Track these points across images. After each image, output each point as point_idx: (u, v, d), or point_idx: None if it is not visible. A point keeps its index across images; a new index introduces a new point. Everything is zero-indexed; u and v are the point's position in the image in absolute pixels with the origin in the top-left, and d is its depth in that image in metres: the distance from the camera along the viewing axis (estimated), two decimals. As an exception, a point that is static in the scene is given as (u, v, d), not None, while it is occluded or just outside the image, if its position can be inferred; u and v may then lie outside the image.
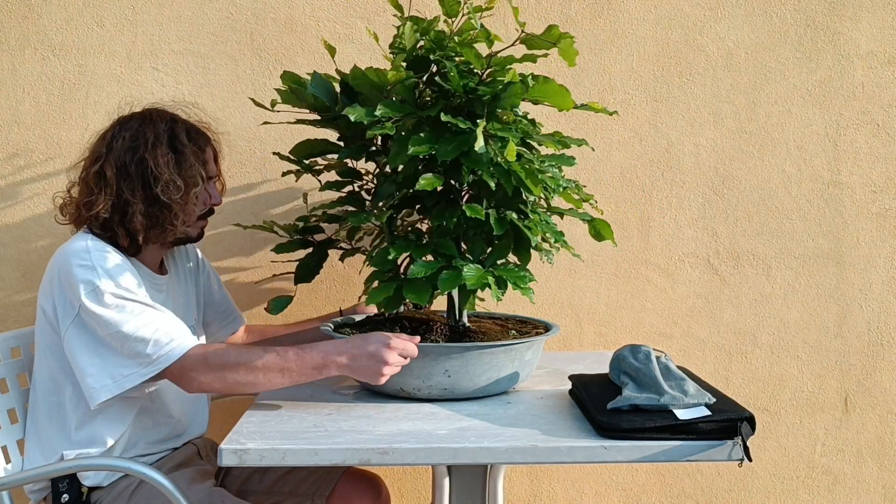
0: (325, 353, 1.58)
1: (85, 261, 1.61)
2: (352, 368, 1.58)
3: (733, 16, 2.32)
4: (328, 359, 1.58)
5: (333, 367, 1.58)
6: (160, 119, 1.73)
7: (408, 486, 2.38)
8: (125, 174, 1.67)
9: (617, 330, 2.37)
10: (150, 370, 1.57)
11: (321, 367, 1.58)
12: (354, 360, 1.57)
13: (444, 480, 1.63)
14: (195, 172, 1.71)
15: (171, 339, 1.58)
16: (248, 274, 2.30)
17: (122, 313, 1.58)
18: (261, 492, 1.89)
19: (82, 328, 1.60)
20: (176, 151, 1.70)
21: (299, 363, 1.57)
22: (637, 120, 2.33)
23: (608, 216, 2.34)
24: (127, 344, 1.57)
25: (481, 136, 1.51)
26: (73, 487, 1.65)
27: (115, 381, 1.58)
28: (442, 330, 1.74)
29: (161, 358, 1.57)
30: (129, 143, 1.69)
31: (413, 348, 1.59)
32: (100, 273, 1.59)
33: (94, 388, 1.59)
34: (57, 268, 1.64)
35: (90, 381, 1.59)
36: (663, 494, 2.42)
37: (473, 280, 1.60)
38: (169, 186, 1.67)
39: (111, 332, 1.57)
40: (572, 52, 1.61)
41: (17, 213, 2.25)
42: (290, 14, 2.26)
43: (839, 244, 2.38)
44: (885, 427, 2.41)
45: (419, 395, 1.67)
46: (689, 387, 1.49)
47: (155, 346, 1.57)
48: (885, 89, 2.35)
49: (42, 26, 2.22)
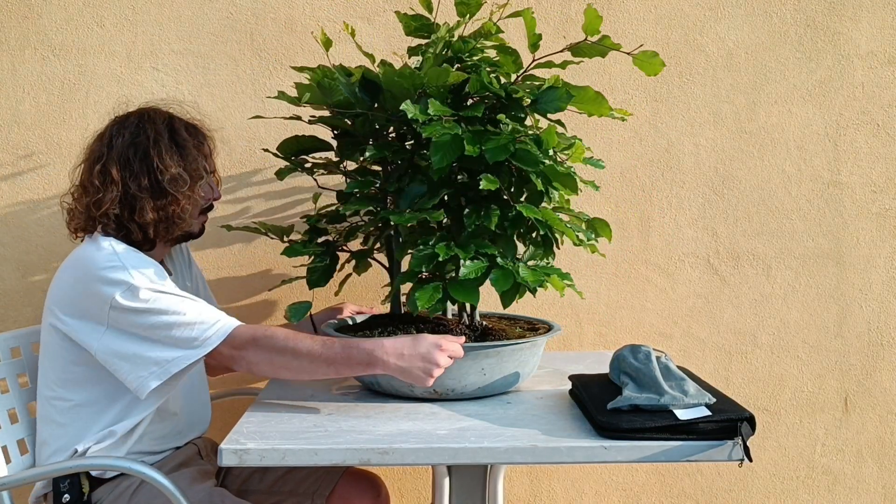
0: (372, 351, 1.56)
1: (113, 262, 1.60)
2: (402, 369, 1.56)
3: (733, 16, 2.32)
4: (375, 356, 1.56)
5: (380, 366, 1.56)
6: (158, 116, 1.74)
7: (408, 486, 2.38)
8: (130, 170, 1.67)
9: (617, 330, 2.37)
10: (199, 352, 1.58)
11: (367, 364, 1.57)
12: (405, 361, 1.55)
13: (444, 480, 1.63)
14: (199, 165, 1.73)
15: (216, 319, 1.60)
16: (254, 277, 2.30)
17: (162, 304, 1.58)
18: (261, 491, 1.89)
19: (119, 331, 1.60)
20: (178, 145, 1.72)
21: (345, 356, 1.56)
22: (637, 120, 2.33)
23: (608, 216, 2.34)
24: (172, 332, 1.57)
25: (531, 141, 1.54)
26: (75, 487, 1.65)
27: (161, 366, 1.58)
28: (463, 330, 1.75)
29: (210, 339, 1.57)
30: (130, 140, 1.69)
31: (460, 350, 1.59)
32: (131, 271, 1.60)
33: (143, 376, 1.58)
34: (78, 277, 1.63)
35: (138, 371, 1.58)
36: (663, 494, 2.42)
37: (533, 279, 1.60)
38: (176, 180, 1.68)
39: (153, 324, 1.57)
40: (657, 63, 1.62)
41: (18, 213, 2.25)
42: (290, 14, 2.26)
43: (839, 244, 2.38)
44: (885, 427, 2.41)
45: (452, 395, 1.67)
46: (690, 387, 1.49)
47: (200, 328, 1.58)
48: (885, 89, 2.35)
49: (42, 26, 2.22)
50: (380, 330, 1.78)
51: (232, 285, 2.30)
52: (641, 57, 1.62)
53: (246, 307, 2.30)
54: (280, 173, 1.90)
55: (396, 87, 1.61)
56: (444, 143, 1.53)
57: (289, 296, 2.29)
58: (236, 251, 2.30)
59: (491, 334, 1.75)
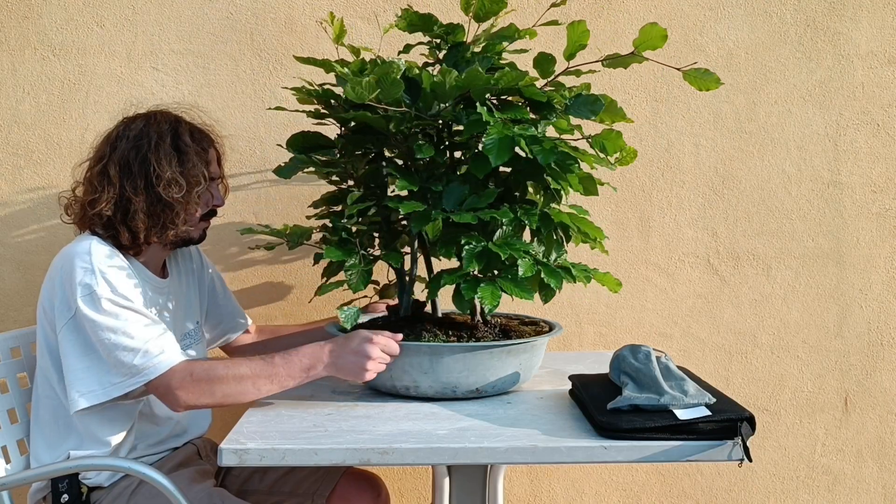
0: (310, 355, 1.61)
1: (86, 263, 1.61)
2: (336, 366, 1.60)
3: (733, 16, 2.32)
4: (314, 358, 1.60)
5: (320, 367, 1.60)
6: (164, 119, 1.74)
7: (408, 486, 2.38)
8: (128, 172, 1.68)
9: (617, 330, 2.37)
10: (135, 381, 1.58)
11: (308, 369, 1.60)
12: (338, 358, 1.60)
13: (444, 480, 1.63)
14: (198, 172, 1.72)
15: (160, 351, 1.59)
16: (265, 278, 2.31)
17: (116, 321, 1.58)
18: (261, 492, 1.89)
19: (76, 330, 1.60)
20: (179, 151, 1.71)
21: (286, 367, 1.59)
22: (637, 120, 2.33)
23: (608, 216, 2.34)
24: (115, 352, 1.57)
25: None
26: (73, 488, 1.65)
27: (102, 387, 1.59)
28: (487, 330, 1.76)
29: (147, 370, 1.57)
30: (132, 143, 1.69)
31: (394, 344, 1.61)
32: (98, 277, 1.60)
33: (80, 392, 1.59)
34: (59, 268, 1.64)
35: (76, 385, 1.59)
36: (663, 494, 2.42)
37: (582, 277, 1.69)
38: (171, 185, 1.67)
39: (102, 337, 1.58)
40: (711, 80, 1.64)
41: (17, 213, 2.25)
42: (290, 14, 2.26)
43: (839, 244, 2.38)
44: (885, 427, 2.41)
45: (454, 394, 1.68)
46: (689, 387, 1.49)
47: (143, 356, 1.57)
48: (885, 89, 2.35)
49: (42, 26, 2.22)
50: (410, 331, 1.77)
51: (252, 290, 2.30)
52: (693, 73, 1.65)
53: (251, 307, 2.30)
54: (281, 171, 1.82)
55: (440, 87, 1.62)
56: (499, 143, 1.56)
57: (290, 296, 2.29)
58: (236, 252, 2.30)
59: (511, 333, 1.77)
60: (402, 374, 1.65)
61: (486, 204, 1.63)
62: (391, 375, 1.65)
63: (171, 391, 1.58)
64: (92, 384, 1.59)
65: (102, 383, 1.59)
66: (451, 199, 1.65)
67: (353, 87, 1.56)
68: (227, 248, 2.29)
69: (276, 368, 1.59)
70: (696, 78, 1.66)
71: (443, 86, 1.60)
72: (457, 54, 1.71)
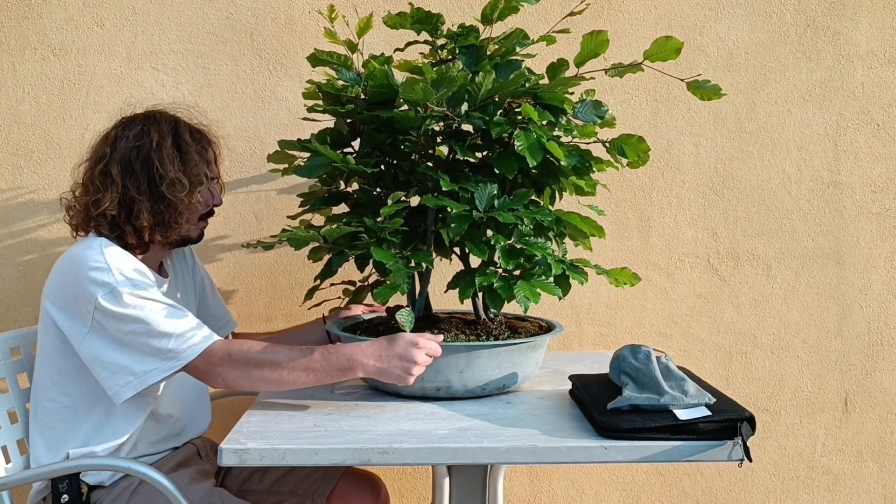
0: (351, 355, 1.58)
1: (99, 263, 1.60)
2: (380, 370, 1.57)
3: (733, 16, 2.32)
4: (354, 360, 1.57)
5: (360, 369, 1.58)
6: (164, 119, 1.74)
7: (408, 486, 2.38)
8: (130, 172, 1.68)
9: (617, 330, 2.37)
10: (173, 364, 1.57)
11: (346, 369, 1.58)
12: (383, 362, 1.57)
13: (444, 480, 1.63)
14: (200, 171, 1.72)
15: (193, 333, 1.59)
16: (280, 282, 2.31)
17: (143, 311, 1.58)
18: (261, 491, 1.89)
19: (101, 333, 1.60)
20: (181, 150, 1.71)
21: (324, 363, 1.57)
22: (637, 120, 2.33)
23: (608, 216, 2.34)
24: (149, 341, 1.57)
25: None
26: (73, 487, 1.65)
27: (137, 377, 1.58)
28: (494, 327, 1.77)
29: (185, 353, 1.57)
30: (133, 142, 1.69)
31: (437, 347, 1.60)
32: (115, 274, 1.59)
33: (119, 384, 1.58)
34: (68, 274, 1.63)
35: (115, 380, 1.59)
36: (663, 494, 2.42)
37: (602, 272, 1.78)
38: (175, 184, 1.68)
39: (132, 330, 1.57)
40: (712, 91, 1.70)
41: (18, 213, 2.25)
42: (290, 14, 2.26)
43: (839, 244, 2.38)
44: (885, 427, 2.41)
45: (457, 393, 1.68)
46: (689, 387, 1.49)
47: (178, 340, 1.57)
48: (885, 89, 2.35)
49: (42, 26, 2.22)
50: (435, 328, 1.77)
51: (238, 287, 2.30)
52: (696, 83, 1.69)
53: (247, 310, 2.30)
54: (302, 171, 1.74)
55: (476, 89, 1.65)
56: (534, 145, 1.62)
57: (290, 296, 2.29)
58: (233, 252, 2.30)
59: (521, 330, 1.79)
60: (436, 376, 1.65)
61: (521, 204, 1.67)
62: (423, 377, 1.64)
63: (212, 368, 1.57)
64: (127, 376, 1.58)
65: (137, 373, 1.58)
66: (482, 200, 1.66)
67: (409, 88, 1.57)
68: (227, 247, 2.29)
69: (314, 362, 1.57)
70: (699, 88, 1.69)
71: (478, 88, 1.63)
72: (475, 56, 1.73)
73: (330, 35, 1.79)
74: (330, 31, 1.79)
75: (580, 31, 2.29)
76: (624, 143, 1.74)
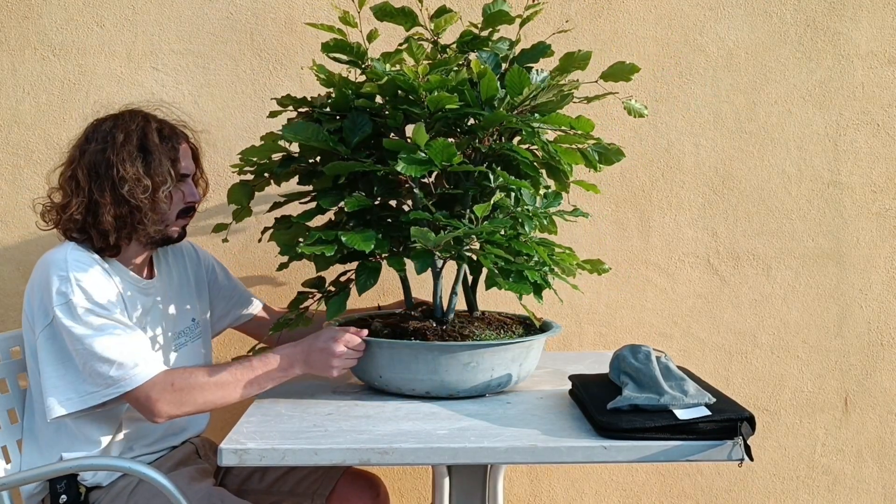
0: (285, 355, 1.68)
1: (62, 271, 1.61)
2: (308, 363, 1.67)
3: (733, 16, 2.32)
4: (290, 359, 1.68)
5: (297, 366, 1.68)
6: (132, 119, 1.73)
7: (408, 486, 2.38)
8: (95, 176, 1.67)
9: (617, 330, 2.37)
10: (111, 392, 1.58)
11: (286, 368, 1.67)
12: (308, 356, 1.67)
13: (444, 480, 1.63)
14: (164, 171, 1.70)
15: (136, 363, 1.59)
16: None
17: (92, 330, 1.58)
18: (260, 491, 1.89)
19: (53, 338, 1.61)
20: (145, 150, 1.70)
21: (265, 369, 1.65)
22: (637, 120, 2.32)
23: (608, 216, 2.34)
24: (91, 362, 1.58)
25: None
26: (72, 488, 1.65)
27: (79, 396, 1.59)
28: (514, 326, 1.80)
29: (124, 381, 1.58)
30: (99, 146, 1.69)
31: (356, 339, 1.66)
32: (74, 286, 1.60)
33: (57, 400, 1.59)
34: (38, 275, 1.65)
35: (53, 393, 1.60)
36: (663, 494, 2.42)
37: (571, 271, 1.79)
38: (135, 187, 1.66)
39: (78, 347, 1.58)
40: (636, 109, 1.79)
41: (18, 213, 2.25)
42: (290, 14, 2.26)
43: (839, 244, 2.38)
44: (885, 427, 2.41)
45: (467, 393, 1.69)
46: (689, 387, 1.49)
47: (119, 368, 1.58)
48: (885, 89, 2.35)
49: (42, 26, 2.22)
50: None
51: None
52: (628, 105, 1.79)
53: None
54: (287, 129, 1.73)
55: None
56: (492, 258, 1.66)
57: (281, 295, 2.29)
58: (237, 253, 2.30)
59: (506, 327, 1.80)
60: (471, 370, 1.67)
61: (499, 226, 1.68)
62: (430, 378, 1.66)
63: (151, 402, 1.59)
64: (69, 392, 1.60)
65: (79, 392, 1.59)
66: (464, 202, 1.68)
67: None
68: (228, 246, 2.29)
69: (256, 372, 1.65)
70: (632, 109, 1.78)
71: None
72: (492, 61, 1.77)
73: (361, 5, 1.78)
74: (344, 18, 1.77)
75: (580, 31, 2.30)
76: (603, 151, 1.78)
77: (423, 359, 1.64)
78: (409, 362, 1.66)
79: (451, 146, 1.59)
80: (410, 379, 1.67)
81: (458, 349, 1.64)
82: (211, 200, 2.24)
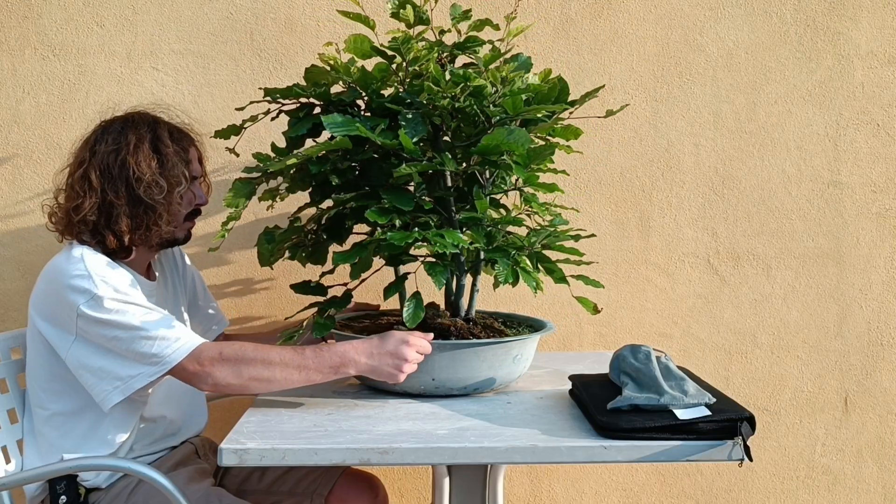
0: (343, 353, 1.59)
1: (80, 271, 1.60)
2: (371, 367, 1.59)
3: (733, 16, 2.32)
4: (346, 358, 1.59)
5: (352, 367, 1.59)
6: (142, 121, 1.73)
7: (408, 486, 2.38)
8: (109, 177, 1.67)
9: (617, 330, 2.37)
10: (158, 369, 1.57)
11: (339, 367, 1.59)
12: (374, 359, 1.59)
13: (444, 480, 1.63)
14: (178, 172, 1.71)
15: (177, 337, 1.58)
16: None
17: (125, 317, 1.57)
18: (260, 491, 1.89)
19: (86, 340, 1.60)
20: (158, 152, 1.70)
21: (317, 361, 1.58)
22: (637, 120, 2.33)
23: (608, 216, 2.34)
24: (133, 346, 1.57)
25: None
26: (71, 489, 1.65)
27: (124, 381, 1.58)
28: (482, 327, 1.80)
29: (169, 356, 1.57)
30: (112, 146, 1.69)
31: (428, 345, 1.61)
32: (96, 280, 1.59)
33: (106, 390, 1.59)
34: (51, 284, 1.63)
35: (102, 385, 1.59)
36: (663, 494, 2.42)
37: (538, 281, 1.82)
38: (152, 187, 1.67)
39: (115, 336, 1.57)
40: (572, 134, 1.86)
41: (18, 213, 2.25)
42: (290, 14, 2.26)
43: (839, 244, 2.38)
44: (885, 427, 2.41)
45: (438, 391, 1.69)
46: (689, 387, 1.49)
47: (162, 344, 1.57)
48: (885, 89, 2.35)
49: (42, 26, 2.22)
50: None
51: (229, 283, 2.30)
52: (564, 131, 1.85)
53: (237, 309, 2.30)
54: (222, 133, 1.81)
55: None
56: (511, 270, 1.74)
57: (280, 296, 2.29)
58: (235, 252, 2.30)
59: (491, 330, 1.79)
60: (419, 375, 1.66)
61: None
62: (433, 378, 1.66)
63: (203, 370, 1.56)
64: (114, 381, 1.58)
65: (123, 377, 1.58)
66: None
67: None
68: (227, 248, 2.29)
69: (306, 360, 1.57)
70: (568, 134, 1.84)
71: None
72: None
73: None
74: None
75: (580, 31, 2.30)
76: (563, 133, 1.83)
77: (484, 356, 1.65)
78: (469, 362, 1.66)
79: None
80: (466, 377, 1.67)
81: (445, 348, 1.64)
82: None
